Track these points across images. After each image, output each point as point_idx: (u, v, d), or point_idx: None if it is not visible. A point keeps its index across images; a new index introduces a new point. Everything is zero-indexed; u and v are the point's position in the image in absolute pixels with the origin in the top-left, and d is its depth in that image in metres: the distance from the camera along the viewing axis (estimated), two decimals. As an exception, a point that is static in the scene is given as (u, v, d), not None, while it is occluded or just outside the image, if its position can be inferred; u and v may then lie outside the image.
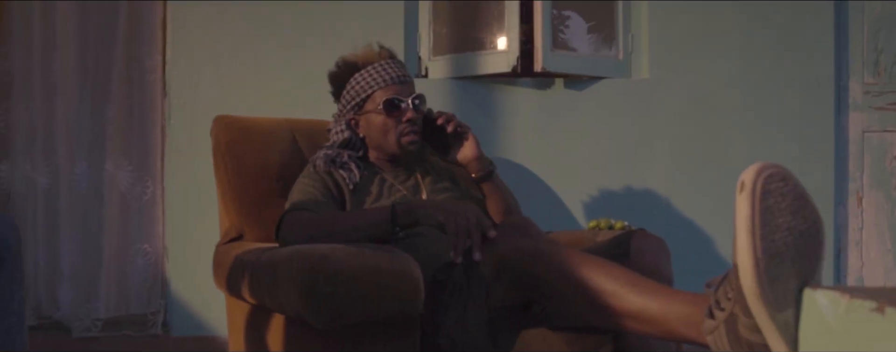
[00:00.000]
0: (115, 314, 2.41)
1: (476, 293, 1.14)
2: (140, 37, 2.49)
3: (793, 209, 0.67)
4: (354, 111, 1.59)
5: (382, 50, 1.61)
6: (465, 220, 1.15)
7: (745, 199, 0.66)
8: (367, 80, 1.55)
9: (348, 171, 1.52)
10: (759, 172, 0.67)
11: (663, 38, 2.31)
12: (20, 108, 2.50)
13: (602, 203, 2.29)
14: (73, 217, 2.47)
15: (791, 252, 0.67)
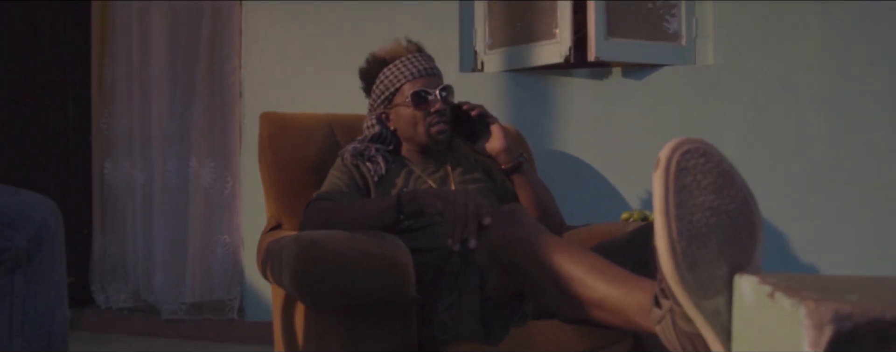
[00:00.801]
0: (199, 299, 2.62)
1: (470, 281, 1.14)
2: (220, 44, 2.69)
3: (716, 187, 0.61)
4: (384, 105, 1.61)
5: (409, 44, 1.62)
6: (462, 208, 1.14)
7: (658, 177, 0.62)
8: (394, 75, 1.58)
9: (375, 163, 1.55)
10: (676, 147, 0.62)
11: (730, 20, 2.16)
12: (121, 111, 2.78)
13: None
14: (164, 210, 2.70)
15: (716, 235, 0.61)
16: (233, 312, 2.56)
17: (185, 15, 2.72)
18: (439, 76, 1.61)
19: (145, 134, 2.75)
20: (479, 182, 1.60)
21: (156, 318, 2.59)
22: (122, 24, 2.77)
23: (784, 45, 2.12)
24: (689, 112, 2.18)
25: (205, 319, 2.55)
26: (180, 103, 2.73)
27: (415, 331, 1.16)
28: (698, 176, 0.61)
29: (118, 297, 2.70)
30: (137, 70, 2.75)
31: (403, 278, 1.08)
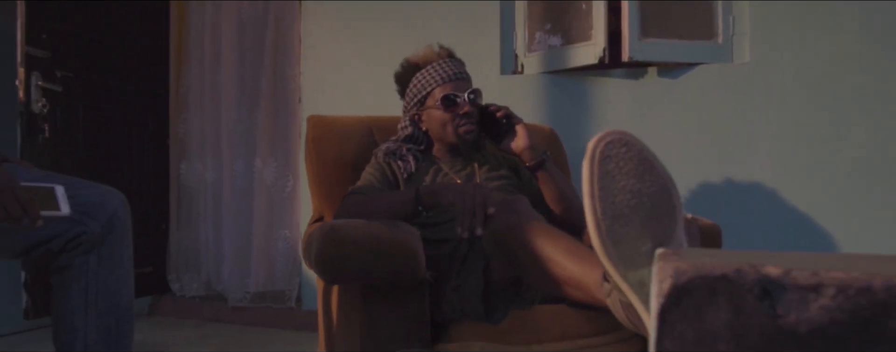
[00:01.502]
0: (262, 289, 2.83)
1: (475, 266, 1.25)
2: (282, 54, 2.90)
3: (637, 173, 0.70)
4: (417, 107, 1.73)
5: (441, 50, 1.73)
6: (470, 199, 1.26)
7: (586, 164, 0.71)
8: (426, 79, 1.69)
9: (405, 162, 1.67)
10: (601, 138, 0.71)
11: (767, 18, 2.16)
12: (194, 117, 3.05)
13: (701, 195, 2.21)
14: (232, 207, 2.94)
15: (638, 214, 0.70)
16: (291, 301, 2.76)
17: (250, 28, 2.95)
18: (468, 80, 1.71)
19: (215, 137, 3.00)
20: (505, 179, 1.69)
21: (223, 305, 2.83)
22: (195, 38, 3.04)
23: (821, 42, 2.11)
24: (725, 110, 2.19)
25: (266, 307, 2.77)
26: (246, 108, 2.97)
27: (427, 311, 1.29)
28: (620, 163, 0.70)
29: (191, 286, 2.96)
30: (209, 79, 3.01)
31: (412, 259, 1.20)
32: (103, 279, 1.34)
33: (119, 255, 1.38)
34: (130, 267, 1.41)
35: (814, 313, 0.47)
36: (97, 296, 1.34)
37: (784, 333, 0.48)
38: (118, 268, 1.38)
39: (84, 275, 1.33)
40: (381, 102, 2.52)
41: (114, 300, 1.36)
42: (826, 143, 2.11)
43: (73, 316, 1.32)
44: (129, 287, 1.40)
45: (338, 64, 2.71)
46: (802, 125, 2.13)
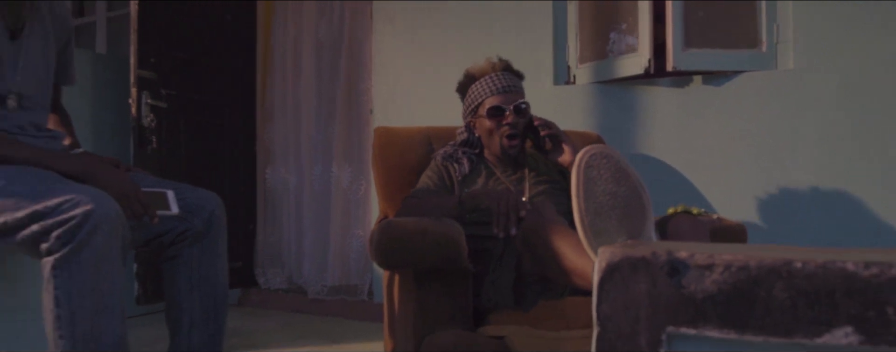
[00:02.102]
0: (338, 283, 3.11)
1: (508, 262, 1.44)
2: (356, 69, 3.18)
3: (615, 179, 0.87)
4: (471, 115, 1.91)
5: (498, 62, 1.88)
6: (505, 204, 1.45)
7: (574, 171, 0.89)
8: (480, 90, 1.86)
9: (460, 165, 1.86)
10: (586, 151, 0.89)
11: (811, 25, 2.23)
12: (278, 126, 3.38)
13: (745, 199, 2.30)
14: (311, 208, 3.24)
15: (615, 212, 0.87)
16: (364, 294, 3.03)
17: (327, 47, 3.25)
18: (518, 93, 1.85)
19: (297, 145, 3.32)
20: (553, 183, 1.86)
21: (303, 297, 3.13)
22: (278, 57, 3.37)
23: (866, 48, 2.16)
24: (769, 116, 2.27)
25: (341, 299, 3.04)
26: (324, 119, 3.26)
27: (470, 298, 1.49)
28: (601, 171, 0.88)
29: (275, 280, 3.29)
30: (291, 93, 3.33)
31: (454, 249, 1.40)
32: (204, 267, 1.62)
33: (217, 247, 1.66)
34: (225, 258, 1.68)
35: (708, 284, 0.64)
36: (199, 281, 1.61)
37: (686, 299, 0.65)
38: (216, 258, 1.65)
39: (189, 264, 1.61)
40: (443, 112, 2.75)
41: (213, 285, 1.63)
42: (870, 148, 2.15)
43: (180, 297, 1.60)
44: (225, 275, 1.68)
45: (405, 79, 2.96)
46: (847, 131, 2.18)
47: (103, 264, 1.25)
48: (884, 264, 0.59)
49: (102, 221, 1.22)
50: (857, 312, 0.59)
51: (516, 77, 1.90)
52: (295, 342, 2.55)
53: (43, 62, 1.53)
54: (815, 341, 0.61)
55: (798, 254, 0.63)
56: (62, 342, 1.25)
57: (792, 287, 0.61)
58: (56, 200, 1.22)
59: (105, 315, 1.26)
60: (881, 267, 0.59)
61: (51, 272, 1.23)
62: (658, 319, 0.66)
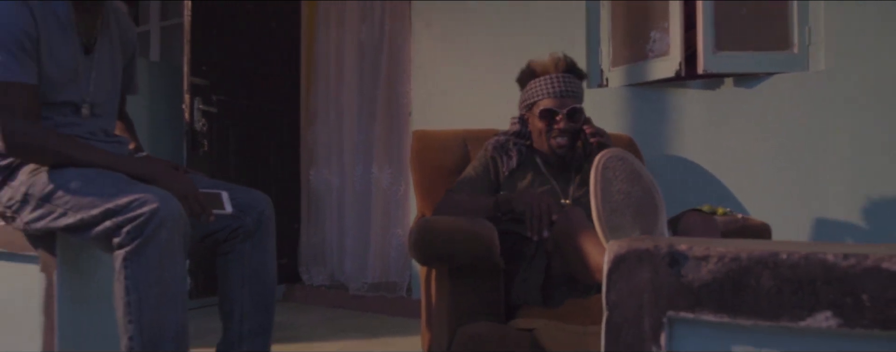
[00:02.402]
0: (377, 280, 3.23)
1: (538, 263, 1.52)
2: (395, 74, 3.29)
3: (629, 180, 0.95)
4: (526, 110, 1.91)
5: (560, 62, 1.83)
6: (538, 208, 1.52)
7: (592, 172, 0.97)
8: (537, 89, 1.84)
9: (509, 158, 1.88)
10: (603, 154, 0.97)
11: (843, 26, 2.24)
12: (321, 129, 3.51)
13: (776, 201, 2.33)
14: (353, 208, 3.37)
15: (630, 209, 0.95)
16: (403, 291, 3.14)
17: (368, 52, 3.37)
18: (574, 97, 1.83)
19: (339, 147, 3.45)
20: None
21: (344, 293, 3.26)
22: (321, 62, 3.51)
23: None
24: (801, 118, 2.29)
25: (381, 295, 3.16)
26: (365, 122, 3.39)
27: (502, 293, 1.58)
28: (617, 172, 0.96)
29: (318, 276, 3.43)
30: (333, 97, 3.47)
31: (486, 246, 1.50)
32: (255, 262, 1.74)
33: (266, 244, 1.78)
34: (274, 254, 1.81)
35: (704, 274, 0.72)
36: (250, 275, 1.74)
37: (685, 287, 0.73)
38: (266, 253, 1.78)
39: (241, 259, 1.74)
40: (480, 114, 2.85)
41: (262, 279, 1.75)
42: (904, 147, 2.16)
43: (232, 290, 1.73)
44: (274, 269, 1.80)
45: (443, 81, 3.06)
46: (879, 132, 2.19)
47: (167, 257, 1.38)
48: (860, 256, 0.66)
49: (167, 219, 1.35)
50: (835, 298, 0.66)
51: (577, 79, 1.88)
52: (336, 336, 2.68)
53: (112, 74, 1.68)
54: (798, 324, 0.68)
55: (784, 246, 0.71)
56: (131, 327, 1.38)
57: (778, 276, 0.69)
58: (126, 199, 1.36)
59: (169, 303, 1.39)
60: (858, 258, 0.66)
61: (122, 264, 1.36)
62: (660, 305, 0.74)
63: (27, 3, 1.45)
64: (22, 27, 1.43)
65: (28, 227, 1.50)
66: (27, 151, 1.46)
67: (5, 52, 1.41)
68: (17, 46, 1.42)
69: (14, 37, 1.42)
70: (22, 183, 1.48)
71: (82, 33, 1.57)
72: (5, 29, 1.41)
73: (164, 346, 1.39)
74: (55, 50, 1.50)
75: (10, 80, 1.42)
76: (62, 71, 1.52)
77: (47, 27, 1.48)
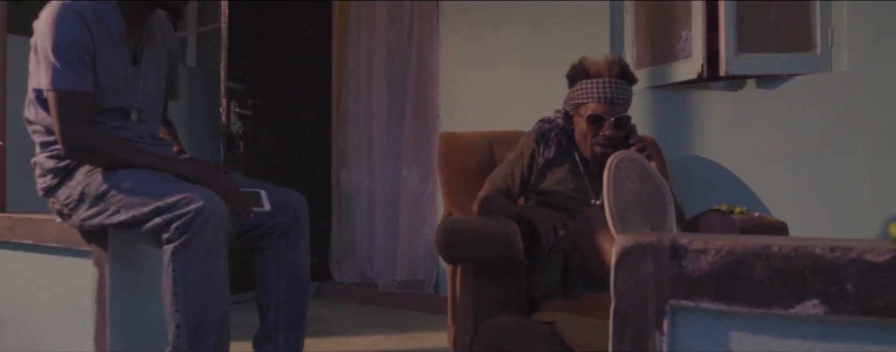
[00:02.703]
0: (406, 278, 3.32)
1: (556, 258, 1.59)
2: (423, 78, 3.38)
3: (640, 179, 1.02)
4: (572, 108, 1.89)
5: (615, 66, 1.80)
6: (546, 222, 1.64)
7: (605, 173, 1.04)
8: (587, 90, 1.81)
9: (547, 148, 1.89)
10: (616, 155, 1.04)
11: (866, 28, 2.26)
12: (351, 132, 3.62)
13: (799, 201, 2.35)
14: (382, 208, 3.47)
15: (641, 207, 1.02)
16: (430, 288, 3.22)
17: (397, 57, 3.47)
18: (623, 105, 1.83)
19: (369, 149, 3.55)
20: None
21: (374, 291, 3.36)
22: (352, 66, 3.62)
23: (922, 49, 2.18)
24: (823, 118, 2.31)
25: (409, 293, 3.25)
26: (394, 124, 3.48)
27: (524, 288, 1.65)
28: (629, 172, 1.02)
29: (348, 274, 3.53)
30: (363, 99, 3.57)
31: (508, 245, 1.57)
32: (290, 257, 1.84)
33: (300, 241, 1.88)
34: (307, 250, 1.90)
35: (703, 265, 0.79)
36: (285, 269, 1.84)
37: (685, 277, 0.80)
38: (300, 250, 1.88)
39: (276, 254, 1.84)
40: (506, 116, 2.92)
41: (296, 273, 1.85)
42: (928, 148, 2.17)
43: (269, 283, 1.83)
44: (307, 264, 1.90)
45: (470, 85, 3.14)
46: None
47: (211, 252, 1.48)
48: (845, 249, 0.72)
49: (211, 216, 1.45)
50: (822, 287, 0.73)
51: (628, 84, 1.86)
52: (366, 331, 2.77)
53: (157, 81, 1.80)
54: (788, 311, 0.74)
55: (775, 240, 0.77)
56: (178, 317, 1.49)
57: (770, 267, 0.75)
58: (174, 198, 1.46)
59: (213, 294, 1.49)
60: (843, 251, 0.72)
61: (170, 258, 1.47)
62: (662, 293, 0.81)
63: (83, 18, 1.56)
64: (80, 40, 1.55)
65: (83, 223, 1.62)
66: (86, 155, 1.58)
67: (66, 64, 1.53)
68: (77, 58, 1.54)
69: (74, 49, 1.54)
70: (78, 183, 1.60)
71: (131, 44, 1.69)
72: (66, 42, 1.54)
73: (208, 334, 1.49)
74: (107, 60, 1.62)
75: (71, 89, 1.54)
76: (113, 80, 1.64)
77: (101, 39, 1.60)
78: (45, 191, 1.69)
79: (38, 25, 1.58)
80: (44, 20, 1.57)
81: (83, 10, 1.57)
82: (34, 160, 1.70)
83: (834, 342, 0.73)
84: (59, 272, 1.84)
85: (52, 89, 1.55)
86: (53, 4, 1.58)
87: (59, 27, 1.54)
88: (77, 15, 1.56)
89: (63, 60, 1.53)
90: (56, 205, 1.67)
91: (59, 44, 1.54)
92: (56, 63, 1.53)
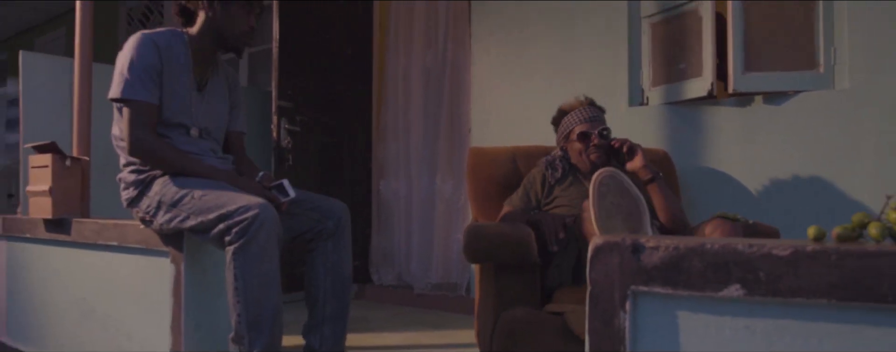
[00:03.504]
0: (440, 281, 3.57)
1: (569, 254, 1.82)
2: (457, 94, 3.64)
3: (619, 192, 1.24)
4: (564, 141, 2.32)
5: (585, 99, 2.32)
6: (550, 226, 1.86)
7: (591, 186, 1.27)
8: (571, 120, 2.29)
9: (555, 171, 2.26)
10: (600, 173, 1.26)
11: (867, 48, 2.42)
12: (390, 144, 3.90)
13: (804, 211, 2.51)
14: (418, 215, 3.73)
15: (620, 215, 1.24)
16: (462, 290, 3.46)
17: (432, 75, 3.74)
18: (600, 121, 2.27)
19: (406, 160, 3.82)
20: None
21: (410, 292, 3.61)
22: (390, 84, 3.90)
23: (918, 68, 2.33)
24: (826, 132, 2.48)
25: (443, 294, 3.50)
26: (429, 138, 3.75)
27: (538, 284, 1.88)
28: (610, 187, 1.25)
29: (387, 277, 3.80)
30: (401, 115, 3.85)
31: (525, 248, 1.80)
32: (335, 258, 2.11)
33: (344, 243, 2.15)
34: (350, 251, 2.17)
35: (656, 258, 1.01)
36: (331, 268, 2.11)
37: (642, 268, 1.02)
38: (343, 251, 2.15)
39: (324, 255, 2.11)
40: (532, 131, 3.15)
41: (340, 271, 2.12)
42: (925, 160, 2.32)
43: (317, 280, 2.10)
44: (350, 264, 2.16)
45: (499, 102, 3.39)
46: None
47: (266, 251, 1.75)
48: (759, 245, 0.94)
49: (265, 222, 1.73)
50: (741, 275, 0.94)
51: (599, 110, 2.32)
52: (403, 329, 3.03)
53: (219, 108, 2.10)
54: (718, 294, 0.96)
55: (709, 240, 0.99)
56: (239, 306, 1.77)
57: (704, 260, 0.97)
58: (235, 206, 1.75)
59: (267, 288, 1.77)
60: (757, 247, 0.94)
61: (231, 257, 1.75)
62: (625, 280, 1.04)
63: (157, 45, 1.89)
64: (151, 61, 1.87)
65: (162, 228, 1.92)
66: (147, 157, 1.89)
67: (136, 78, 1.85)
68: (146, 74, 1.86)
69: (144, 67, 1.86)
70: (156, 193, 1.90)
71: (197, 74, 2.00)
72: (139, 60, 1.86)
73: (264, 320, 1.76)
74: (173, 84, 1.93)
75: (140, 99, 1.86)
76: (176, 101, 1.95)
77: (169, 65, 1.92)
78: (128, 202, 2.00)
79: (121, 51, 1.91)
80: (126, 45, 1.90)
81: (157, 39, 1.90)
82: (119, 176, 2.02)
83: (752, 318, 0.95)
84: (140, 270, 2.15)
85: (121, 98, 1.86)
86: (137, 34, 1.91)
87: (135, 50, 1.87)
88: (152, 42, 1.89)
89: (134, 75, 1.85)
90: (139, 213, 1.97)
91: (133, 62, 1.86)
92: (128, 77, 1.86)
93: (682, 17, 2.83)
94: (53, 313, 2.53)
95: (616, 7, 3.01)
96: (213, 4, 1.96)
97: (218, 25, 1.98)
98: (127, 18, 6.01)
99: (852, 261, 0.88)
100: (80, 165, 2.48)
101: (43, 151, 2.43)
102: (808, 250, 0.90)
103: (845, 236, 0.98)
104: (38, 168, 2.44)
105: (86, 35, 2.59)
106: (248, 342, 1.76)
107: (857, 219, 1.01)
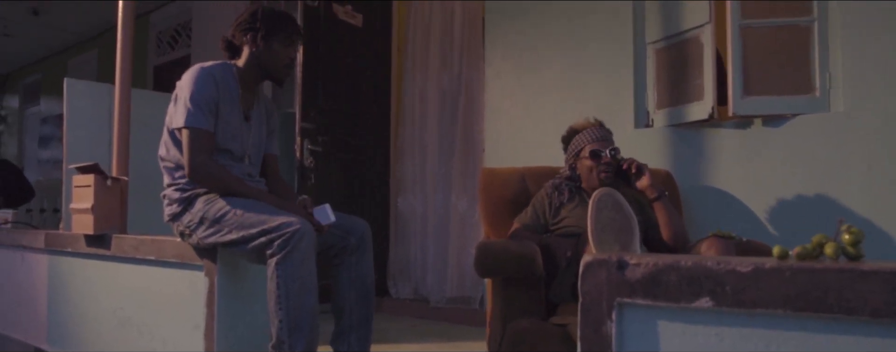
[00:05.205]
0: (455, 294, 3.72)
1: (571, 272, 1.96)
2: (471, 114, 3.81)
3: (614, 209, 1.38)
4: (574, 158, 2.44)
5: (595, 121, 2.45)
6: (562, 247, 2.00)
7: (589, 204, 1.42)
8: (581, 139, 2.41)
9: (561, 194, 2.39)
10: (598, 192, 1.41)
11: (862, 73, 2.55)
12: (408, 163, 4.07)
13: (800, 228, 2.63)
14: (434, 231, 3.88)
15: (613, 230, 1.38)
16: (476, 304, 3.60)
17: (448, 96, 3.91)
18: (610, 141, 2.41)
19: (423, 178, 3.99)
20: None
21: (426, 305, 3.76)
22: (408, 105, 4.08)
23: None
24: (822, 154, 2.60)
25: (458, 307, 3.64)
26: (445, 157, 3.91)
27: (543, 297, 2.02)
28: (607, 203, 1.40)
29: (403, 290, 3.95)
30: (418, 135, 4.02)
31: (529, 263, 1.95)
32: (358, 271, 2.26)
33: (366, 257, 2.30)
34: (372, 265, 2.32)
35: (639, 273, 1.16)
36: (355, 279, 2.26)
37: (627, 282, 1.17)
38: (366, 265, 2.30)
39: (348, 268, 2.26)
40: (542, 151, 3.30)
41: (364, 283, 2.27)
42: (916, 180, 2.43)
43: (343, 291, 2.25)
44: (372, 277, 2.31)
45: (511, 123, 3.55)
46: (892, 166, 2.47)
47: (306, 262, 1.91)
48: (725, 262, 1.08)
49: (305, 235, 1.89)
50: (711, 288, 1.09)
51: (608, 131, 2.45)
52: (419, 340, 3.18)
53: (259, 135, 2.29)
54: (691, 305, 1.10)
55: (686, 258, 1.13)
56: (281, 313, 1.92)
57: (679, 275, 1.12)
58: (278, 221, 1.91)
59: (306, 294, 1.92)
60: (725, 263, 1.08)
61: (274, 268, 1.91)
62: (612, 293, 1.18)
63: (214, 78, 2.08)
64: (210, 93, 2.06)
65: (200, 242, 2.09)
66: (207, 180, 2.07)
67: (198, 109, 2.03)
68: (207, 106, 2.05)
69: (205, 99, 2.05)
70: (199, 210, 2.07)
71: (243, 105, 2.19)
72: (200, 91, 2.04)
73: (304, 325, 1.92)
74: (225, 113, 2.11)
75: (201, 127, 2.04)
76: (228, 130, 2.13)
77: (223, 97, 2.10)
78: (170, 217, 2.18)
79: (180, 82, 2.10)
80: (186, 77, 2.09)
81: (214, 72, 2.09)
82: (163, 193, 2.20)
83: (721, 326, 1.09)
84: (175, 282, 2.32)
85: (185, 127, 2.04)
86: (195, 67, 2.11)
87: (196, 82, 2.05)
88: (210, 75, 2.08)
89: (196, 106, 2.03)
90: (180, 227, 2.15)
91: (195, 94, 2.04)
92: (191, 108, 2.04)
93: (685, 44, 2.98)
94: (92, 322, 2.72)
95: (622, 34, 3.16)
96: (257, 40, 2.15)
97: (261, 59, 2.17)
98: (156, 41, 6.28)
99: (804, 276, 1.02)
100: (119, 184, 2.67)
101: (86, 172, 2.63)
102: (767, 267, 1.04)
103: (805, 255, 1.12)
104: (81, 187, 2.64)
105: (126, 63, 2.79)
106: (288, 346, 1.91)
107: (817, 240, 1.15)
